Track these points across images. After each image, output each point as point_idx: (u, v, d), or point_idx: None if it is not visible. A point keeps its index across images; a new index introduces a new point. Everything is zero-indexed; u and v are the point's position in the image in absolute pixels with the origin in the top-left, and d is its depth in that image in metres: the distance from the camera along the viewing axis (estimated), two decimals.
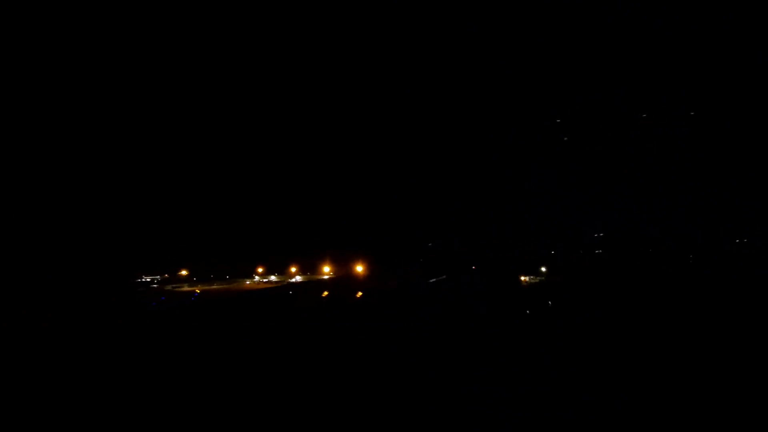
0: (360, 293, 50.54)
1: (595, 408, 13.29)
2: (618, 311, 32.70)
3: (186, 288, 63.17)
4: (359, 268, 63.67)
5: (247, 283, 67.99)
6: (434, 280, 55.39)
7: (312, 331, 28.84)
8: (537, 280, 53.24)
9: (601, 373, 16.78)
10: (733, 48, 44.16)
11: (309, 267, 71.10)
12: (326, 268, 67.50)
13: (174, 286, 63.79)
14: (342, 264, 65.50)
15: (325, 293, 51.97)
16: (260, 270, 71.88)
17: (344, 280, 59.69)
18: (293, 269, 72.02)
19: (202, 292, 59.24)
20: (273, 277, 71.02)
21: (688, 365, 17.21)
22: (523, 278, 54.54)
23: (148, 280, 67.42)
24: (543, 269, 55.47)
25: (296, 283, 65.77)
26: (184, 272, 68.57)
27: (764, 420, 12.23)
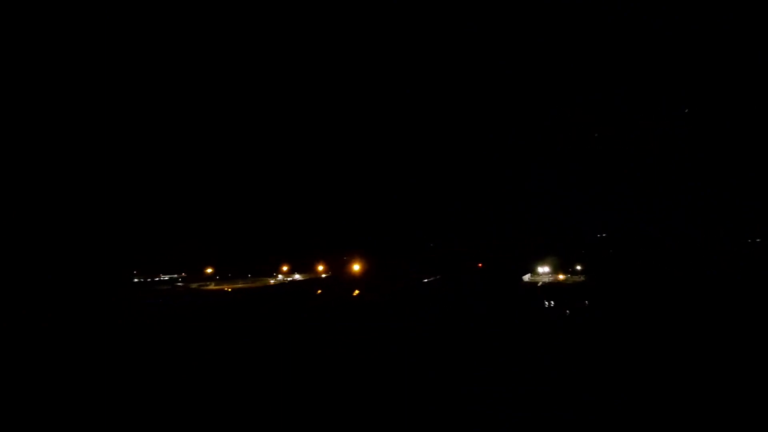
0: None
1: (595, 408, 13.29)
2: (624, 311, 32.70)
3: (212, 286, 61.28)
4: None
5: (271, 282, 64.92)
6: (432, 279, 55.14)
7: (312, 330, 28.86)
8: (581, 280, 52.19)
9: (601, 373, 16.78)
10: (733, 48, 44.15)
11: (336, 265, 68.63)
12: (356, 266, 64.72)
13: (200, 284, 62.01)
14: (370, 262, 63.43)
15: (356, 292, 50.33)
16: (285, 268, 69.50)
17: (354, 279, 58.64)
18: (320, 267, 69.29)
19: (233, 291, 57.41)
20: (297, 276, 68.61)
21: (689, 365, 17.19)
22: (561, 276, 54.10)
23: (166, 278, 65.96)
24: (579, 267, 54.82)
25: (319, 281, 62.80)
26: (209, 270, 66.60)
27: (764, 420, 12.23)
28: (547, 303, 37.64)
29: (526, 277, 55.25)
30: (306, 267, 70.38)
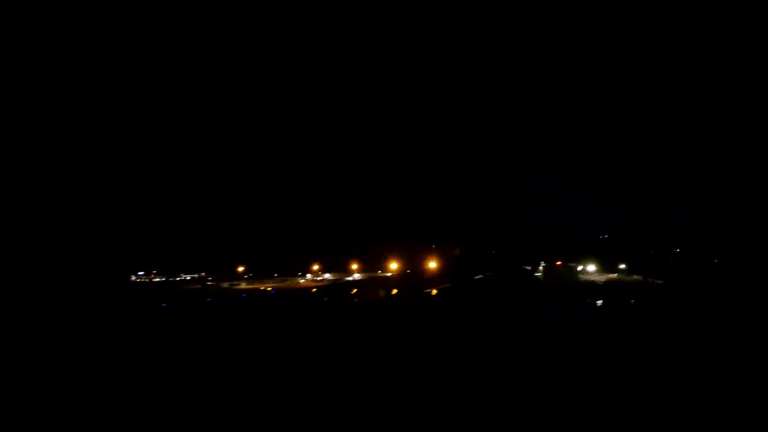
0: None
1: (595, 408, 13.28)
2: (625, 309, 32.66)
3: (244, 285, 59.89)
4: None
5: (301, 282, 62.17)
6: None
7: (310, 331, 28.88)
8: (638, 279, 51.33)
9: (601, 373, 16.77)
10: (733, 48, 44.15)
11: (370, 263, 64.62)
12: (394, 265, 60.95)
13: (231, 283, 60.86)
14: (410, 260, 60.12)
15: (394, 291, 48.72)
16: (315, 267, 66.01)
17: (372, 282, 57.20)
18: (354, 266, 64.63)
19: (274, 290, 56.00)
20: (328, 275, 65.90)
21: (689, 366, 17.18)
22: (611, 275, 53.85)
23: (188, 278, 64.74)
24: (622, 266, 54.28)
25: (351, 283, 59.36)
26: (240, 269, 64.39)
27: (765, 420, 12.22)
28: (598, 302, 37.28)
29: (582, 276, 55.34)
30: (338, 266, 66.15)
